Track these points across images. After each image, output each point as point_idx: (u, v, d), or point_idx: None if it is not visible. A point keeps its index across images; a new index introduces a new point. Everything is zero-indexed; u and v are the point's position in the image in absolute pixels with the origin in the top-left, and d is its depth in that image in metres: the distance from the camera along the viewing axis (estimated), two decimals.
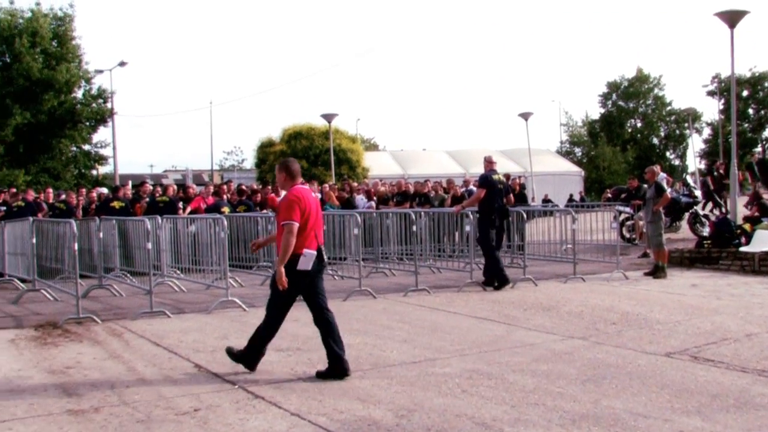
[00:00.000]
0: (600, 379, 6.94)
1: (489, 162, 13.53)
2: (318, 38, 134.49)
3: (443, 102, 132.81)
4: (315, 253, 7.32)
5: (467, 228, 14.24)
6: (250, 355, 7.44)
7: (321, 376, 7.19)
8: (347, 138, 40.18)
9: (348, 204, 19.19)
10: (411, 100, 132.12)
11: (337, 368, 7.20)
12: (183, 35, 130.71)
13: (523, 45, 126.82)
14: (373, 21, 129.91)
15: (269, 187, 20.90)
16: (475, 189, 21.43)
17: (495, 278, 12.93)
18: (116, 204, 17.23)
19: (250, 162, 55.95)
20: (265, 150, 40.19)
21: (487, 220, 12.96)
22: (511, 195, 14.18)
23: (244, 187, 19.74)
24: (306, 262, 7.26)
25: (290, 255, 7.17)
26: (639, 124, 71.43)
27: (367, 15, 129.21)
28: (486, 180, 13.15)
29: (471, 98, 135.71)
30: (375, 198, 20.41)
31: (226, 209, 16.38)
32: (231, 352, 7.51)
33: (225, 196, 18.30)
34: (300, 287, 7.39)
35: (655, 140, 71.33)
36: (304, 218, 7.25)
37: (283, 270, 7.17)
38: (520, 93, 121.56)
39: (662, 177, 18.90)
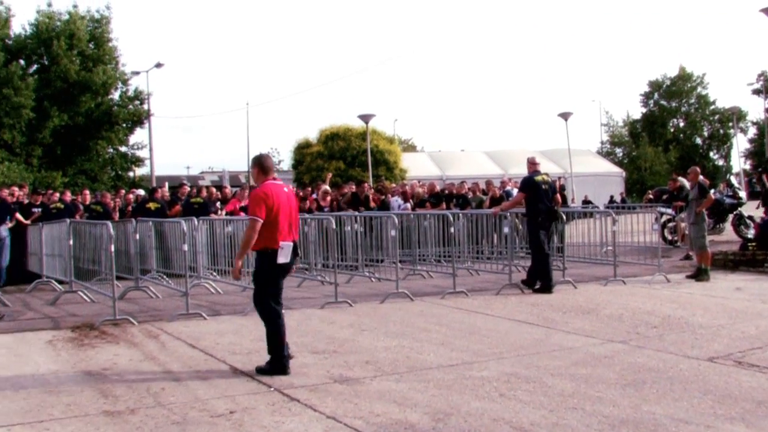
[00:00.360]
0: (640, 383, 6.86)
1: (532, 163, 13.40)
2: (356, 38, 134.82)
3: (482, 102, 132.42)
4: (291, 244, 7.59)
5: (506, 230, 14.19)
6: (279, 361, 7.48)
7: (261, 371, 7.46)
8: (385, 139, 40.22)
9: (383, 205, 19.21)
10: (449, 101, 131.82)
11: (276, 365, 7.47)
12: (219, 36, 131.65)
13: (563, 44, 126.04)
14: (412, 21, 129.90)
15: (307, 189, 21.00)
16: (513, 190, 21.39)
17: (540, 281, 12.84)
18: (152, 205, 17.41)
19: (287, 163, 56.22)
20: (302, 151, 40.37)
21: (534, 222, 12.88)
22: (558, 195, 13.97)
23: None
24: (284, 255, 7.51)
25: (268, 250, 7.47)
26: (681, 124, 70.74)
27: (406, 15, 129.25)
28: (527, 183, 13.04)
29: (510, 98, 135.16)
30: (411, 200, 20.38)
31: None
32: (261, 370, 7.50)
33: None
34: (281, 279, 7.68)
35: (698, 140, 70.59)
36: (273, 213, 7.46)
37: (240, 263, 7.69)
38: (559, 93, 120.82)
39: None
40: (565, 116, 32.98)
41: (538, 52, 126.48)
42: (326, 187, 19.33)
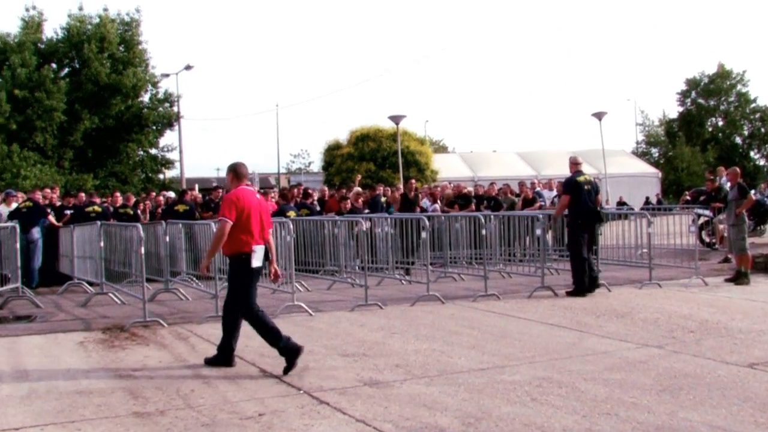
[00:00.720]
0: (677, 389, 6.80)
1: (574, 163, 13.28)
2: (386, 38, 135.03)
3: (514, 102, 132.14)
4: (264, 247, 8.03)
5: (538, 232, 14.12)
6: (227, 355, 8.07)
7: (209, 362, 8.03)
8: (415, 140, 40.16)
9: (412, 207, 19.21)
10: (481, 101, 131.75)
11: (224, 357, 8.03)
12: (249, 38, 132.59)
13: (597, 42, 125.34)
14: (443, 20, 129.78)
15: (335, 191, 21.01)
16: (545, 191, 21.30)
17: (574, 284, 12.76)
18: (180, 207, 17.56)
19: (317, 165, 56.41)
20: (332, 152, 40.44)
21: (575, 224, 12.80)
22: (599, 195, 13.82)
23: (310, 191, 19.85)
24: (258, 258, 7.95)
25: (242, 254, 7.85)
26: (720, 123, 69.84)
27: (436, 14, 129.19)
28: (570, 184, 12.95)
29: (542, 98, 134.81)
30: (440, 201, 20.36)
31: (292, 213, 16.50)
32: (287, 369, 7.68)
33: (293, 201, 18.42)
34: (254, 281, 8.03)
35: (738, 139, 69.64)
36: (244, 217, 7.85)
37: (208, 261, 8.38)
38: (593, 92, 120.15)
39: (725, 180, 18.41)
40: (599, 116, 32.65)
41: (572, 51, 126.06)
42: (358, 188, 19.36)
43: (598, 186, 13.72)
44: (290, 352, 7.68)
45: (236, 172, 8.26)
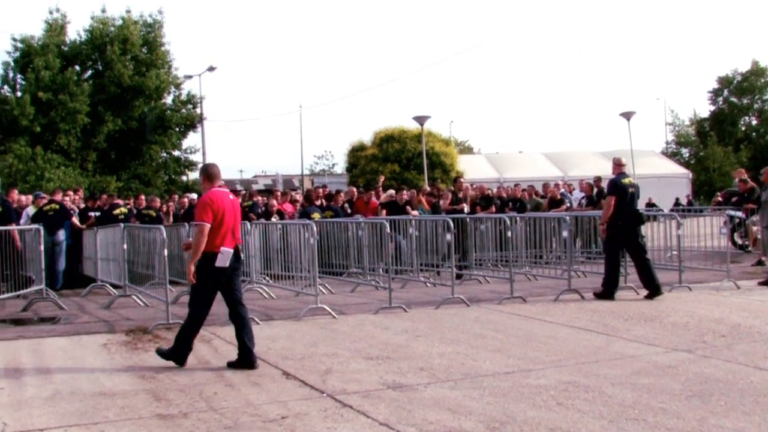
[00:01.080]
0: (707, 395, 6.73)
1: (618, 165, 13.06)
2: (410, 39, 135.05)
3: (540, 102, 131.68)
4: (231, 251, 8.22)
5: (565, 233, 14.07)
6: (179, 352, 8.24)
7: (231, 365, 8.11)
8: (440, 141, 40.11)
9: (437, 209, 19.20)
10: (506, 101, 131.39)
11: (246, 360, 8.08)
12: (271, 38, 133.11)
13: (626, 40, 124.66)
14: (467, 21, 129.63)
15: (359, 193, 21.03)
16: (569, 194, 21.21)
17: (604, 286, 12.70)
18: None
19: (341, 166, 56.51)
20: (356, 154, 40.47)
21: (614, 226, 12.66)
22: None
23: (335, 192, 19.90)
24: (223, 259, 8.16)
25: (207, 253, 8.10)
26: (754, 122, 69.16)
27: (460, 15, 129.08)
28: (616, 186, 12.79)
29: (569, 97, 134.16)
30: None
31: (316, 215, 16.56)
32: (161, 351, 8.36)
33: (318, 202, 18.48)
34: (218, 283, 8.28)
35: None
36: (218, 219, 8.12)
37: (193, 267, 8.16)
38: (621, 91, 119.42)
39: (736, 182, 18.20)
40: (627, 116, 32.45)
41: (600, 49, 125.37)
42: (392, 191, 19.38)
43: (639, 190, 13.51)
44: (179, 358, 8.21)
45: (207, 173, 8.57)
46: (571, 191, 22.48)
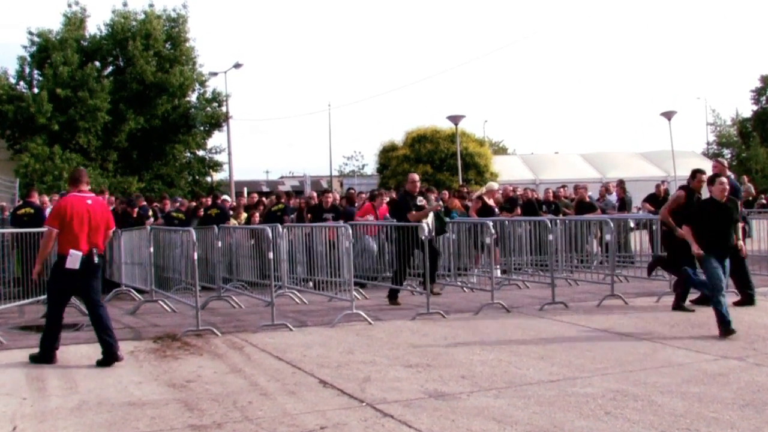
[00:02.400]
0: (761, 404, 6.69)
1: (720, 166, 13.08)
2: (443, 37, 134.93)
3: (577, 101, 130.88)
4: (80, 254, 8.95)
5: (607, 237, 14.03)
6: (45, 353, 9.10)
7: (100, 363, 8.86)
8: (474, 141, 40.00)
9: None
10: (542, 100, 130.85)
11: (110, 355, 8.87)
12: (300, 34, 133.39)
13: (666, 38, 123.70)
14: (502, 18, 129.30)
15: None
16: (607, 196, 21.03)
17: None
18: (213, 212, 17.62)
19: (371, 167, 56.50)
20: (387, 154, 40.43)
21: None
22: None
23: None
24: (72, 262, 8.94)
25: (60, 255, 9.01)
26: None
27: (494, 12, 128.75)
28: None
29: (607, 97, 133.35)
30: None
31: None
32: (32, 357, 9.17)
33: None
34: (70, 284, 9.13)
35: None
36: (66, 223, 8.97)
37: (38, 267, 9.40)
38: (661, 90, 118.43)
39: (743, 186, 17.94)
40: (668, 115, 32.18)
41: (638, 47, 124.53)
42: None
43: None
44: (46, 358, 9.06)
45: (71, 177, 9.64)
46: (604, 194, 22.18)
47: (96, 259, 9.21)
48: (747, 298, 12.41)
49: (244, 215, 18.30)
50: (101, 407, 7.03)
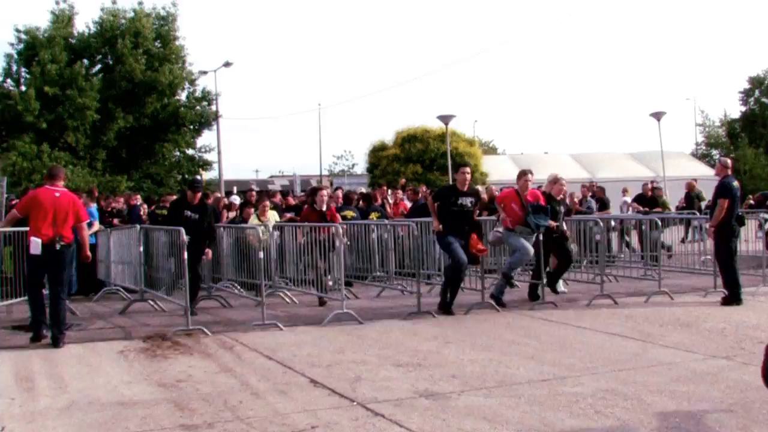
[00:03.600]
0: (748, 403, 6.71)
1: (725, 167, 13.01)
2: (433, 36, 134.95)
3: (567, 102, 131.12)
4: (40, 241, 9.90)
5: (597, 237, 14.05)
6: (34, 329, 10.30)
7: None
8: (464, 141, 40.14)
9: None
10: (532, 100, 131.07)
11: (53, 341, 9.96)
12: (290, 33, 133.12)
13: (655, 39, 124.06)
14: (492, 19, 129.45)
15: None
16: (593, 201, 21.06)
17: (730, 291, 12.60)
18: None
19: (361, 167, 56.55)
20: (377, 154, 40.52)
21: (730, 231, 12.54)
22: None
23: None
24: (33, 247, 9.93)
25: (28, 240, 10.02)
26: None
27: (483, 12, 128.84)
28: (729, 188, 12.65)
29: (597, 97, 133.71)
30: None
31: (349, 213, 16.47)
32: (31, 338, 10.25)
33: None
34: (36, 266, 10.13)
35: None
36: (32, 212, 10.05)
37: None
38: (650, 91, 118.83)
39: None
40: (657, 116, 32.25)
41: (628, 48, 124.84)
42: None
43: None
44: (34, 336, 10.24)
45: (48, 172, 10.76)
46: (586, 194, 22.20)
47: (57, 247, 10.04)
48: (733, 297, 12.46)
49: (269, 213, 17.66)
50: (91, 407, 7.00)
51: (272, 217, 15.48)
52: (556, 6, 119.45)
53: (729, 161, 13.27)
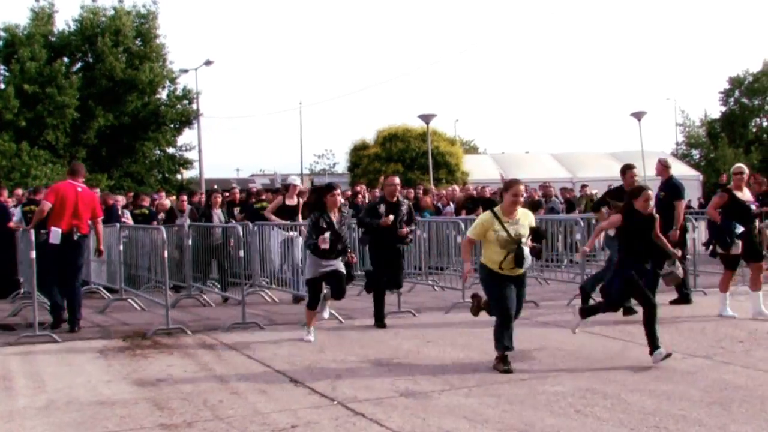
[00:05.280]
0: (728, 402, 6.77)
1: (665, 167, 13.27)
2: (414, 35, 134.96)
3: (548, 102, 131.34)
4: (60, 231, 10.62)
5: (577, 236, 14.09)
6: (56, 322, 10.97)
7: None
8: (445, 140, 40.09)
9: (436, 211, 19.19)
10: (513, 100, 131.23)
11: (70, 323, 10.83)
12: (271, 32, 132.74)
13: (635, 38, 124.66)
14: (473, 17, 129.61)
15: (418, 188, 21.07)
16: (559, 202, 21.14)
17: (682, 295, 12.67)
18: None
19: (342, 166, 56.42)
20: (358, 153, 40.42)
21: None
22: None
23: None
24: (53, 237, 10.61)
25: (46, 231, 10.63)
26: (765, 123, 69.08)
27: (465, 11, 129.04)
28: (680, 188, 12.91)
29: (578, 97, 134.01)
30: (451, 204, 20.36)
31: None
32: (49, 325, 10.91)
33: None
34: (55, 256, 10.71)
35: None
36: (57, 204, 10.66)
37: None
38: (631, 91, 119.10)
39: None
40: (638, 116, 32.39)
41: (608, 48, 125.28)
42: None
43: None
44: (54, 324, 10.97)
45: (71, 169, 11.60)
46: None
47: (75, 237, 10.81)
48: (683, 297, 12.62)
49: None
50: (70, 406, 6.97)
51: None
52: (537, 6, 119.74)
53: (669, 161, 13.36)
